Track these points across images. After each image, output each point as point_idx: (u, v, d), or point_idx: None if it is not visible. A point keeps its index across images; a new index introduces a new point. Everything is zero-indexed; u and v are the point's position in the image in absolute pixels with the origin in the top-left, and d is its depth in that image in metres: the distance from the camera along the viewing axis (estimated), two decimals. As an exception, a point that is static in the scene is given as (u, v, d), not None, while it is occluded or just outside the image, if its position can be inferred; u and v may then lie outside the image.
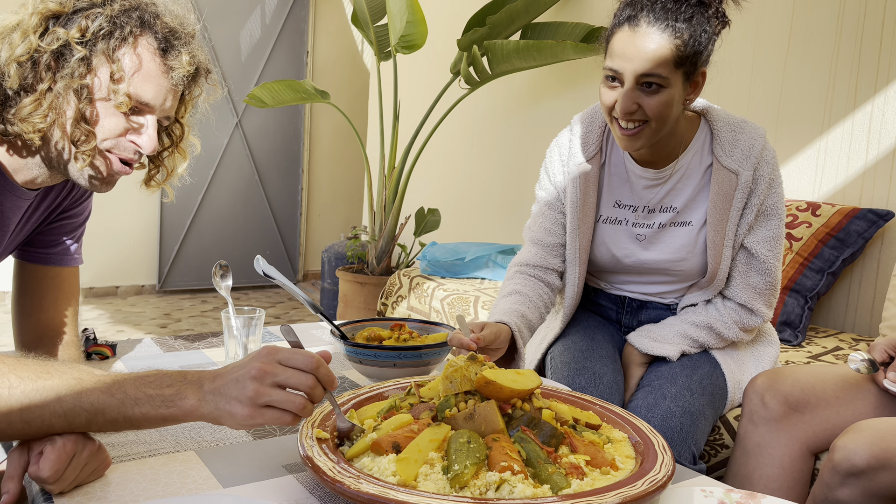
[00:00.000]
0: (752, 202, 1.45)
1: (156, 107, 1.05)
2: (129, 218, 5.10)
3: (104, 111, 1.01)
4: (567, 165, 1.59)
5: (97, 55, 0.99)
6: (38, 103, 0.97)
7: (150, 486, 0.88)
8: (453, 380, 0.95)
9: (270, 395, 0.81)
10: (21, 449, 0.83)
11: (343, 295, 3.77)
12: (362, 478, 0.80)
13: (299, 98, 3.69)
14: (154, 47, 1.03)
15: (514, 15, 3.23)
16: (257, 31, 5.45)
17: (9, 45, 0.97)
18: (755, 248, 1.47)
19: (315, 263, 6.12)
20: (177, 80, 1.05)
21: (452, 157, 4.21)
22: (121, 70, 1.00)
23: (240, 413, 0.81)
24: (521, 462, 0.83)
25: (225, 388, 0.83)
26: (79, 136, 1.00)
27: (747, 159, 1.44)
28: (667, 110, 1.37)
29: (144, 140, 1.04)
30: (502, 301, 1.52)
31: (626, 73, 1.34)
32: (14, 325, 1.20)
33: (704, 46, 1.36)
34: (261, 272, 1.22)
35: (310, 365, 0.83)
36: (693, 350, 1.51)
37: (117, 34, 1.00)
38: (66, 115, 0.99)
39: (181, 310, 4.86)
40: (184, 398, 0.84)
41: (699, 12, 1.35)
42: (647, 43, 1.32)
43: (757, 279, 1.48)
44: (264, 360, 0.82)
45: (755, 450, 1.37)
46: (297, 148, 5.85)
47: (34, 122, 0.97)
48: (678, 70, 1.34)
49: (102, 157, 1.04)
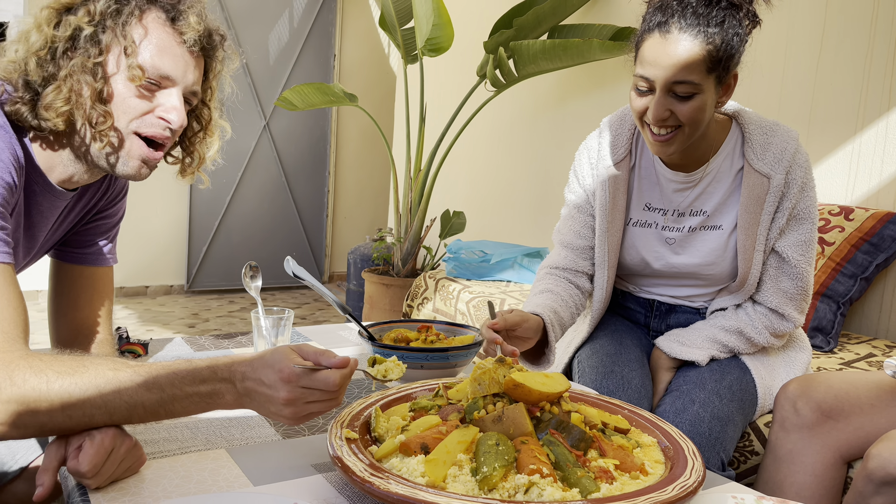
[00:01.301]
0: (784, 206, 1.43)
1: (176, 78, 1.06)
2: (158, 219, 5.18)
3: (121, 88, 1.03)
4: (596, 168, 1.58)
5: (107, 33, 1.01)
6: (59, 89, 1.00)
7: (182, 482, 0.89)
8: (481, 382, 0.95)
9: (307, 410, 0.89)
10: (59, 443, 0.85)
11: (369, 296, 3.79)
12: (392, 478, 0.80)
13: (328, 101, 3.72)
14: (162, 19, 1.05)
15: (541, 17, 3.22)
16: (285, 34, 5.50)
17: (25, 41, 1.01)
18: (787, 252, 1.45)
19: (340, 265, 6.15)
20: (190, 44, 1.07)
21: (478, 160, 4.21)
22: (132, 44, 1.02)
23: (285, 422, 0.90)
24: (550, 465, 0.83)
25: (261, 402, 0.88)
26: (96, 117, 1.02)
27: (779, 162, 1.42)
28: (699, 115, 1.35)
29: (172, 114, 1.05)
30: (534, 298, 1.52)
31: (658, 80, 1.33)
32: (50, 324, 1.23)
33: (736, 49, 1.34)
34: (290, 273, 1.24)
35: (331, 387, 0.88)
36: (723, 355, 1.49)
37: (125, 11, 1.02)
38: (84, 95, 1.01)
39: (209, 310, 4.92)
40: (221, 396, 0.88)
41: (730, 15, 1.33)
42: (678, 50, 1.31)
43: (788, 284, 1.46)
44: (290, 390, 0.86)
45: (787, 457, 1.35)
46: (324, 150, 5.89)
47: (57, 107, 0.99)
48: (710, 75, 1.33)
49: (129, 140, 1.05)
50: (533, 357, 1.49)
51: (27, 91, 1.00)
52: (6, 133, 0.95)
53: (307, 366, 0.87)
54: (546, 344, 1.45)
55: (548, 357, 1.45)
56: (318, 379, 0.87)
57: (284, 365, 0.86)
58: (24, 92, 0.99)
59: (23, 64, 1.00)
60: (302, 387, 0.87)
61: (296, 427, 1.09)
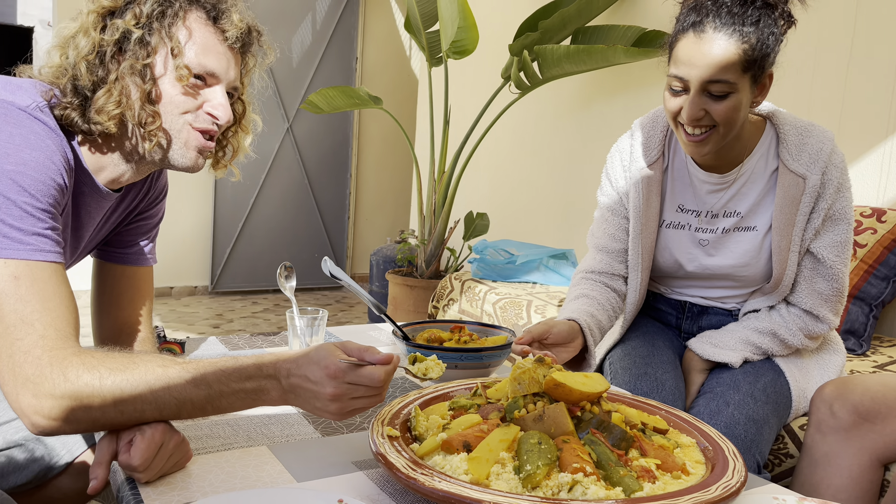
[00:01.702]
0: (819, 206, 1.42)
1: (221, 74, 1.08)
2: (184, 221, 5.24)
3: (167, 88, 1.05)
4: (629, 171, 1.58)
5: (154, 35, 1.03)
6: (110, 92, 1.02)
7: (227, 478, 0.91)
8: (521, 381, 0.96)
9: (352, 406, 0.90)
10: (110, 437, 0.87)
11: (392, 297, 3.81)
12: (436, 475, 0.81)
13: (353, 104, 3.74)
14: (204, 18, 1.08)
15: (567, 19, 3.22)
16: (308, 37, 5.54)
17: (74, 47, 1.03)
18: (822, 253, 1.44)
19: (362, 266, 6.18)
20: (232, 41, 1.09)
21: (502, 162, 4.21)
22: (178, 45, 1.04)
23: (330, 418, 0.92)
24: (593, 464, 0.84)
25: (307, 398, 0.90)
26: (145, 118, 1.04)
27: (815, 163, 1.41)
28: (734, 115, 1.35)
29: (220, 110, 1.08)
30: (570, 304, 1.53)
31: (693, 79, 1.33)
32: (93, 322, 1.25)
33: (771, 48, 1.34)
34: (328, 273, 1.25)
35: (376, 382, 0.90)
36: (756, 357, 1.49)
37: (168, 13, 1.04)
38: (133, 97, 1.03)
39: (233, 310, 4.96)
40: (266, 393, 0.90)
41: (766, 14, 1.32)
42: (713, 49, 1.30)
43: (823, 285, 1.45)
44: (336, 385, 0.88)
45: (823, 459, 1.34)
46: (346, 153, 5.93)
47: (109, 111, 1.02)
48: (745, 74, 1.32)
49: (185, 133, 1.08)
50: (574, 364, 1.49)
51: (76, 96, 1.02)
52: (57, 136, 0.98)
53: (352, 361, 0.89)
54: (586, 349, 1.46)
55: (589, 362, 1.45)
56: (363, 375, 0.88)
57: (330, 361, 0.88)
58: (73, 97, 1.01)
59: (72, 69, 1.02)
60: (347, 382, 0.88)
61: (334, 425, 1.10)
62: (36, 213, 0.90)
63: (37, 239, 0.90)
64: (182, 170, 1.11)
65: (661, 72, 1.45)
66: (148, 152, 1.07)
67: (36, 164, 0.91)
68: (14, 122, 0.92)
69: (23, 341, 0.85)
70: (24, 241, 0.88)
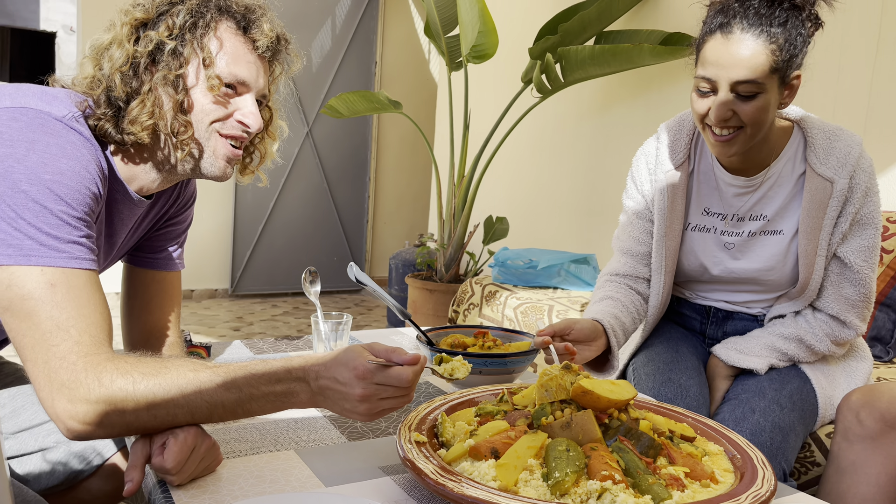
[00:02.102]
0: (847, 210, 1.41)
1: (251, 83, 1.10)
2: (204, 224, 5.29)
3: (199, 98, 1.07)
4: (654, 174, 1.58)
5: (186, 46, 1.05)
6: (143, 103, 1.03)
7: (257, 482, 0.92)
8: (548, 388, 0.96)
9: (380, 406, 0.91)
10: (144, 441, 0.88)
11: (412, 301, 3.82)
12: (464, 482, 0.81)
13: (373, 108, 3.76)
14: (234, 28, 1.09)
15: (587, 22, 3.22)
16: (328, 41, 5.58)
17: (109, 58, 1.04)
18: (849, 257, 1.43)
19: (380, 270, 6.20)
20: (262, 51, 1.11)
21: (522, 166, 4.21)
22: (209, 55, 1.06)
23: (359, 419, 0.94)
24: (621, 472, 0.84)
25: (336, 400, 0.91)
26: (178, 128, 1.06)
27: (843, 167, 1.41)
28: (762, 116, 1.35)
29: (250, 119, 1.10)
30: (595, 305, 1.53)
31: (721, 80, 1.33)
32: (123, 326, 1.27)
33: (799, 49, 1.34)
34: (353, 278, 1.26)
35: (405, 383, 0.91)
36: (782, 364, 1.48)
37: (200, 24, 1.06)
38: (165, 107, 1.05)
39: (252, 313, 5.00)
40: (296, 395, 0.92)
41: (793, 16, 1.32)
42: (741, 49, 1.31)
43: (850, 290, 1.44)
44: (365, 386, 0.90)
45: (850, 468, 1.33)
46: (365, 156, 5.95)
47: (142, 121, 1.03)
48: (773, 75, 1.32)
49: (213, 141, 1.09)
50: (597, 365, 1.49)
51: (109, 107, 1.03)
52: (92, 146, 1.00)
53: (380, 362, 0.90)
54: (610, 351, 1.46)
55: (612, 364, 1.45)
56: (391, 375, 0.89)
57: (359, 362, 0.89)
58: (107, 108, 1.03)
59: (106, 80, 1.03)
60: (376, 383, 0.89)
61: (360, 430, 1.11)
62: (72, 221, 0.92)
63: (72, 247, 0.91)
64: (211, 178, 1.13)
65: (682, 74, 1.46)
66: (179, 162, 1.09)
67: (72, 174, 0.93)
68: (51, 133, 0.94)
69: (58, 347, 0.86)
70: (60, 248, 0.90)
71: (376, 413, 0.92)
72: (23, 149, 0.90)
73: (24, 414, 1.17)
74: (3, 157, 0.89)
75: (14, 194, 0.88)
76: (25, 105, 0.95)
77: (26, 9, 5.55)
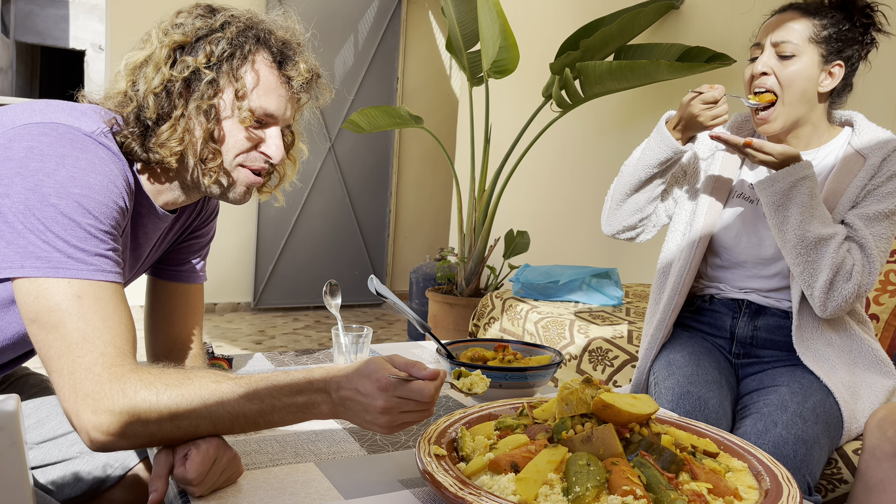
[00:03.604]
0: (869, 184, 1.48)
1: (279, 117, 1.11)
2: (227, 238, 5.34)
3: (231, 129, 1.07)
4: (714, 146, 1.71)
5: (222, 76, 1.05)
6: (174, 129, 1.04)
7: (277, 494, 0.92)
8: (569, 402, 0.95)
9: (401, 419, 0.92)
10: (167, 451, 0.89)
11: (432, 315, 3.82)
12: (483, 495, 0.81)
13: (394, 123, 3.79)
14: (270, 61, 1.09)
15: (608, 38, 3.22)
16: (350, 57, 5.64)
17: (144, 79, 1.04)
18: (850, 219, 1.47)
19: (401, 284, 6.22)
20: (297, 89, 1.11)
21: (542, 180, 4.21)
22: (244, 87, 1.05)
23: (379, 431, 0.94)
24: (643, 487, 0.83)
25: (357, 412, 0.92)
26: (207, 155, 1.06)
27: (880, 149, 1.49)
28: (797, 80, 1.48)
29: (273, 150, 1.11)
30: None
31: (765, 41, 1.51)
32: (147, 338, 1.29)
33: (843, 40, 1.48)
34: (374, 291, 1.27)
35: (426, 398, 0.91)
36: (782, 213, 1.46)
37: (238, 54, 1.06)
38: (196, 135, 1.05)
39: (274, 327, 5.03)
40: (317, 407, 0.93)
41: (842, 18, 1.50)
42: (786, 16, 1.51)
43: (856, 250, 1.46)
44: (386, 399, 0.90)
45: (878, 486, 1.30)
46: (386, 171, 5.99)
47: (171, 147, 1.04)
48: (812, 45, 1.47)
49: (235, 174, 1.11)
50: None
51: (138, 125, 1.04)
52: (120, 161, 1.01)
53: (401, 376, 0.90)
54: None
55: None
56: (413, 389, 0.90)
57: (381, 375, 0.89)
58: (135, 126, 1.04)
59: (139, 100, 1.04)
60: (398, 396, 0.90)
61: (380, 443, 1.11)
62: (99, 234, 0.94)
63: (99, 260, 0.93)
64: (230, 203, 1.14)
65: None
66: (206, 188, 1.10)
67: (100, 188, 0.94)
68: (81, 147, 0.95)
69: (84, 358, 0.87)
70: (88, 261, 0.92)
71: (397, 426, 0.92)
72: (53, 163, 0.92)
73: (48, 424, 1.19)
74: (34, 170, 0.91)
75: (43, 207, 0.90)
76: (56, 121, 0.97)
77: (56, 27, 5.69)
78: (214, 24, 1.06)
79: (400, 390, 0.90)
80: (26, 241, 0.89)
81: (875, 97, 2.45)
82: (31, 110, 1.00)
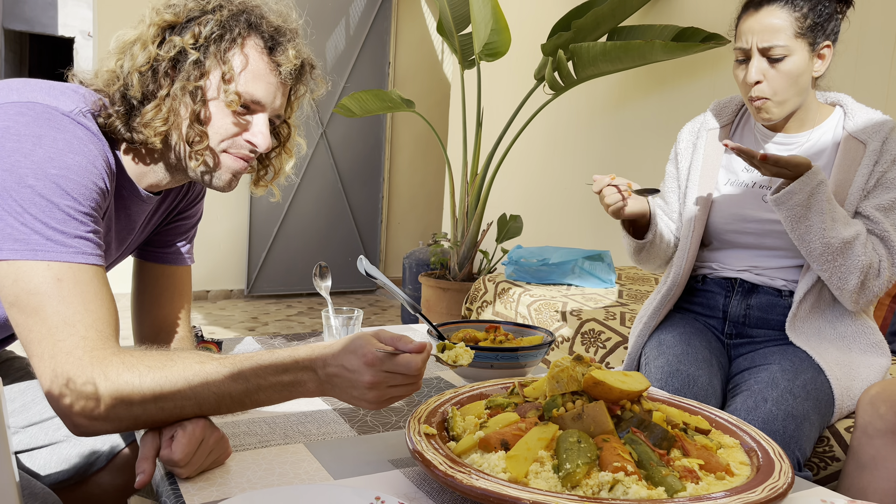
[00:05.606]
0: (875, 171, 1.48)
1: (266, 104, 1.08)
2: (220, 226, 5.31)
3: (217, 111, 1.05)
4: (698, 134, 1.71)
5: (209, 58, 1.03)
6: (159, 108, 1.02)
7: (265, 474, 0.91)
8: (560, 380, 0.94)
9: (389, 394, 0.91)
10: (153, 434, 0.88)
11: (425, 300, 3.81)
12: (474, 473, 0.80)
13: (385, 107, 3.76)
14: (261, 47, 1.07)
15: (600, 19, 3.20)
16: (342, 42, 5.59)
17: (130, 57, 1.03)
18: (868, 210, 1.47)
19: (394, 269, 6.21)
20: (285, 76, 1.09)
21: (535, 163, 4.19)
22: (231, 70, 1.03)
23: (367, 407, 0.93)
24: (634, 463, 0.82)
25: (344, 388, 0.91)
26: (193, 137, 1.04)
27: (877, 132, 1.49)
28: (792, 79, 1.47)
29: (259, 138, 1.08)
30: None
31: (751, 46, 1.48)
32: (133, 321, 1.27)
33: (825, 20, 1.47)
34: (363, 271, 1.25)
35: (413, 371, 0.90)
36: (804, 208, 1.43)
37: (227, 37, 1.04)
38: (182, 116, 1.03)
39: (268, 314, 5.02)
40: (303, 385, 0.91)
41: None
42: (767, 18, 1.46)
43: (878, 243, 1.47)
44: (374, 374, 0.89)
45: (870, 463, 1.30)
46: (379, 157, 5.96)
47: (155, 126, 1.02)
48: (800, 40, 1.46)
49: (220, 158, 1.08)
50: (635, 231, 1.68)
51: (123, 104, 1.02)
52: (100, 141, 0.99)
53: (388, 350, 0.89)
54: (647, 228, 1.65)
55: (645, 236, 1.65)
56: (400, 363, 0.89)
57: (367, 350, 0.88)
58: (121, 105, 1.02)
59: (124, 78, 1.02)
60: (385, 371, 0.89)
61: (370, 423, 1.10)
62: (78, 216, 0.91)
63: (79, 242, 0.91)
64: (215, 189, 1.12)
65: (696, 69, 1.53)
66: (193, 170, 1.08)
67: (79, 168, 0.92)
68: (58, 127, 0.93)
69: (65, 342, 0.86)
70: (67, 243, 0.90)
71: (385, 401, 0.91)
72: (29, 143, 0.90)
73: (34, 408, 1.17)
74: (10, 151, 0.89)
75: (20, 189, 0.88)
76: (33, 100, 0.95)
77: (44, 14, 5.61)
78: (207, 7, 1.05)
79: (387, 364, 0.89)
80: (3, 223, 0.87)
81: (867, 80, 2.44)
82: (9, 89, 0.97)
